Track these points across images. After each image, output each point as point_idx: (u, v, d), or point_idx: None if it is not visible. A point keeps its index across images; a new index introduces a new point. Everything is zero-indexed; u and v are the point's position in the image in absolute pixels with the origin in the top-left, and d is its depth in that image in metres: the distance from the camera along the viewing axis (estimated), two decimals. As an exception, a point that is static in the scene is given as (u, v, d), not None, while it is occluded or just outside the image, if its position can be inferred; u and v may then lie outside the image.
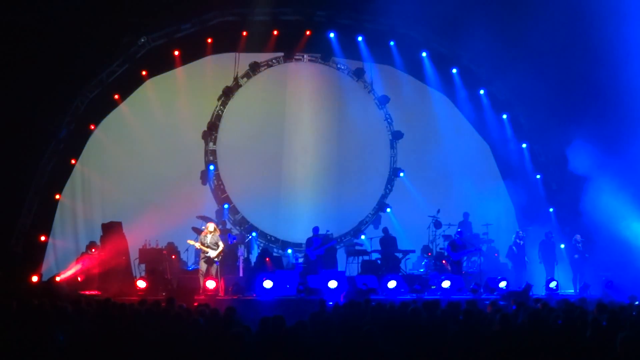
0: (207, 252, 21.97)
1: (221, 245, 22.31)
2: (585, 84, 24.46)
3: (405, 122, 28.06)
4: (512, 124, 27.89)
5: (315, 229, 24.36)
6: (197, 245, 22.10)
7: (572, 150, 25.14)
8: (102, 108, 24.82)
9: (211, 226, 22.54)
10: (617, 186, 24.14)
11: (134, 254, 23.45)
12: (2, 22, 22.09)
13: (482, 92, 27.82)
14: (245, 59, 26.80)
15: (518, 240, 25.37)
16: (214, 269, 22.21)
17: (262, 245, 26.29)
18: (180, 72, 25.75)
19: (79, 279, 22.65)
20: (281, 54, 27.20)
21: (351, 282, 22.39)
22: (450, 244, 24.74)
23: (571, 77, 24.81)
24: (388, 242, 25.61)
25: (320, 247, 23.87)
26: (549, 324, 12.12)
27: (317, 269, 23.28)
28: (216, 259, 22.14)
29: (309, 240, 24.32)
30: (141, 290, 21.01)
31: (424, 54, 27.40)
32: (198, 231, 23.38)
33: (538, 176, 27.83)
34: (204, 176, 26.64)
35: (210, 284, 21.21)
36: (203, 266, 22.14)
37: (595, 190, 24.57)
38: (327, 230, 24.84)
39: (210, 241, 22.09)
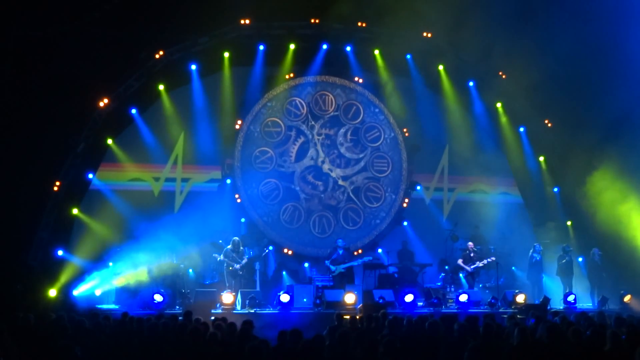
0: (232, 266, 22.66)
1: (245, 259, 22.88)
2: (604, 94, 24.42)
3: (421, 135, 27.99)
4: (529, 136, 27.85)
5: (339, 242, 24.48)
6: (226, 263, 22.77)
7: (590, 162, 25.13)
8: (119, 122, 24.88)
9: (235, 241, 23.31)
10: (637, 199, 24.18)
11: (151, 268, 23.45)
12: (21, 37, 22.25)
13: (499, 104, 27.78)
14: (263, 73, 26.81)
15: (535, 254, 25.29)
16: (237, 282, 22.88)
17: (278, 259, 26.33)
18: (197, 85, 25.77)
19: (96, 293, 22.72)
20: (299, 67, 27.18)
21: (367, 295, 22.40)
22: (462, 257, 24.82)
23: (590, 87, 24.82)
24: (405, 255, 25.65)
25: (344, 265, 23.86)
26: (568, 338, 12.05)
27: (338, 284, 23.41)
28: (240, 272, 22.83)
29: (332, 253, 24.34)
30: (158, 304, 21.04)
31: (440, 67, 27.38)
32: (217, 246, 23.81)
33: (555, 189, 27.75)
34: (222, 190, 26.63)
35: (227, 298, 21.29)
36: (230, 280, 22.73)
37: (613, 202, 24.55)
38: (343, 242, 24.80)
39: (235, 255, 22.95)
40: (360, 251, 26.97)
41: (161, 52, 24.54)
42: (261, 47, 26.05)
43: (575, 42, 23.73)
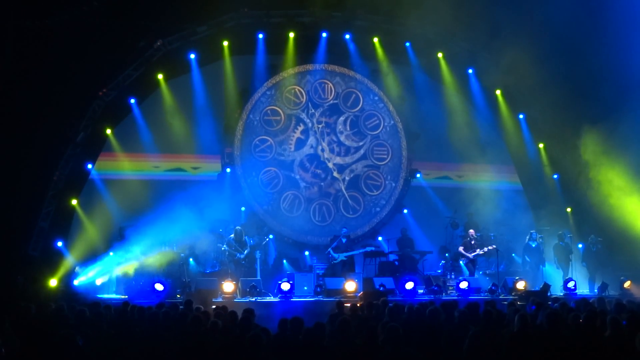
0: (234, 255, 22.95)
1: (248, 249, 23.02)
2: (602, 81, 24.39)
3: (421, 122, 27.97)
4: (528, 123, 27.82)
5: (344, 231, 24.55)
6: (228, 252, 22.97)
7: (589, 149, 25.12)
8: (119, 112, 24.84)
9: (238, 230, 23.32)
10: (636, 185, 24.19)
11: (151, 257, 23.44)
12: (20, 27, 22.22)
13: (498, 92, 27.74)
14: (263, 62, 26.75)
15: (531, 242, 25.26)
16: (238, 270, 23.10)
17: (279, 247, 26.33)
18: (196, 75, 25.72)
19: (97, 282, 22.72)
20: (298, 56, 27.14)
21: (368, 283, 22.41)
22: (463, 244, 24.81)
23: (588, 74, 24.77)
24: (405, 243, 25.64)
25: (346, 253, 23.94)
26: (568, 324, 12.07)
27: (339, 271, 23.50)
28: (243, 261, 23.08)
29: (334, 239, 24.38)
30: (159, 293, 21.03)
31: (439, 54, 27.32)
32: (218, 235, 23.99)
33: (555, 176, 27.73)
34: (221, 179, 26.62)
35: (228, 287, 21.31)
36: (232, 269, 23.06)
37: (612, 188, 24.57)
38: (347, 231, 24.85)
39: (237, 244, 23.04)
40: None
41: (160, 41, 24.49)
42: (260, 36, 26.01)
43: (574, 24, 23.70)
